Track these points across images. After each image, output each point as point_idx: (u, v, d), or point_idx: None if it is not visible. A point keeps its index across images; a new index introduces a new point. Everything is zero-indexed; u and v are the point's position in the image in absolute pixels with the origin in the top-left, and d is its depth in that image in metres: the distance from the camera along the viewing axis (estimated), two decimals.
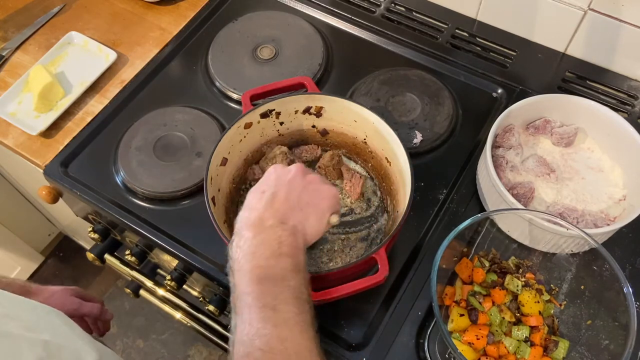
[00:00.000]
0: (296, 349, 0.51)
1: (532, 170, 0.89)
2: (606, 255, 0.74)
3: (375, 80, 1.04)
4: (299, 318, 0.53)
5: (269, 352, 0.49)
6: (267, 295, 0.53)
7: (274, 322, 0.51)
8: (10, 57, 1.14)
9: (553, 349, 0.75)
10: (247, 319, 0.52)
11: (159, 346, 1.83)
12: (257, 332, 0.51)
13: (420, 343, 0.81)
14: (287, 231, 0.59)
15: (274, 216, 0.60)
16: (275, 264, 0.55)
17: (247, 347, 0.50)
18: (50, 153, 1.01)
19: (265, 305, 0.52)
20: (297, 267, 0.57)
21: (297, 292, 0.55)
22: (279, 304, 0.53)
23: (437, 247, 0.75)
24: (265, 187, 0.63)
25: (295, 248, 0.58)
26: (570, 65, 1.07)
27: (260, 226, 0.58)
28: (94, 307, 0.88)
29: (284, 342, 0.51)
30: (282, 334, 0.51)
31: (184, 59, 1.12)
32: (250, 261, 0.56)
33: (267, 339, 0.50)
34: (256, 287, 0.54)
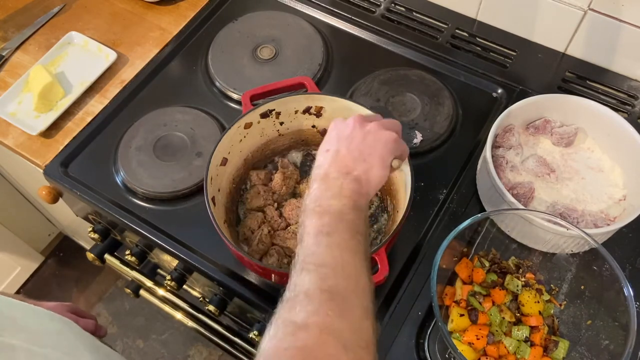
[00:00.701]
0: (343, 265, 0.56)
1: (532, 170, 0.89)
2: (606, 255, 0.74)
3: (375, 80, 1.04)
4: (350, 243, 0.58)
5: (320, 265, 0.55)
6: (324, 225, 0.59)
7: (327, 243, 0.58)
8: (10, 57, 1.14)
9: (553, 349, 0.75)
10: (305, 244, 0.58)
11: (159, 346, 1.83)
12: (311, 252, 0.57)
13: (420, 343, 0.81)
14: (349, 179, 0.64)
15: (338, 170, 0.65)
16: (335, 203, 0.61)
17: (302, 264, 0.56)
18: (50, 153, 1.01)
19: (321, 232, 0.58)
20: (357, 206, 0.62)
21: (352, 224, 0.60)
22: (334, 232, 0.59)
23: (437, 247, 0.75)
24: (328, 146, 0.68)
25: (356, 193, 0.63)
26: (570, 65, 1.07)
27: (326, 178, 0.65)
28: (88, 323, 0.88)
29: (334, 259, 0.56)
30: (333, 253, 0.57)
31: (184, 59, 1.12)
32: (314, 202, 0.62)
33: (319, 256, 0.57)
34: (315, 220, 0.60)
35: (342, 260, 0.56)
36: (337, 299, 0.53)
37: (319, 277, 0.54)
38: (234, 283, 0.87)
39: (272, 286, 0.86)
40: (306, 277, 0.54)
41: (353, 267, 0.57)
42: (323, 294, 0.53)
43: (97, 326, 0.90)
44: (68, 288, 1.95)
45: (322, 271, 0.55)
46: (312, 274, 0.55)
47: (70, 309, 0.87)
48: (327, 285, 0.54)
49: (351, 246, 0.58)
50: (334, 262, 0.56)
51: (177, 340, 1.84)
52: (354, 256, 0.58)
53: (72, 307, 0.88)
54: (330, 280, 0.54)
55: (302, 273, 0.55)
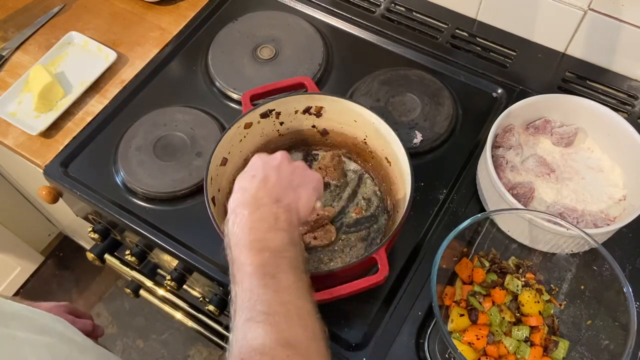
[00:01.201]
0: (297, 311, 0.53)
1: (532, 170, 0.89)
2: (606, 255, 0.74)
3: (375, 80, 1.04)
4: (297, 285, 0.55)
5: (271, 314, 0.51)
6: (267, 265, 0.55)
7: (275, 288, 0.53)
8: (10, 57, 1.14)
9: (553, 349, 0.75)
10: (247, 287, 0.54)
11: (159, 346, 1.83)
12: (258, 297, 0.52)
13: (420, 343, 0.81)
14: (282, 208, 0.61)
15: (268, 196, 0.62)
16: (273, 237, 0.57)
17: (249, 312, 0.52)
18: (50, 153, 1.01)
19: (265, 274, 0.54)
20: (293, 241, 0.59)
21: (295, 262, 0.57)
22: (279, 272, 0.55)
23: (437, 247, 0.75)
24: (254, 172, 0.65)
25: (290, 224, 0.60)
26: (570, 65, 1.07)
27: (256, 204, 0.61)
28: (86, 324, 0.88)
29: (286, 305, 0.52)
30: (283, 298, 0.53)
31: (184, 59, 1.12)
32: (248, 235, 0.57)
33: (268, 303, 0.52)
34: (256, 257, 0.55)
35: (294, 307, 0.53)
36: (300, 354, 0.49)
37: (274, 329, 0.50)
38: None
39: None
40: (259, 329, 0.50)
41: (306, 313, 0.53)
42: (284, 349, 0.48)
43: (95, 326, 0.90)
44: (68, 288, 1.95)
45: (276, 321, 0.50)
46: (265, 325, 0.50)
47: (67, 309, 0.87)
48: (285, 337, 0.49)
49: (299, 287, 0.55)
50: (286, 310, 0.52)
51: (177, 340, 1.84)
52: (304, 299, 0.54)
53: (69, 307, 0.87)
54: (287, 331, 0.50)
55: (251, 324, 0.51)
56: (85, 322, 0.88)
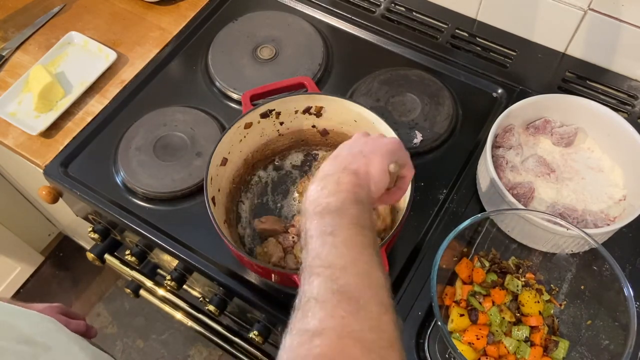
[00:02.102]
0: (352, 261, 0.54)
1: (532, 170, 0.89)
2: (606, 255, 0.74)
3: (375, 80, 1.04)
4: (356, 239, 0.56)
5: (327, 267, 0.52)
6: (326, 225, 0.56)
7: (332, 243, 0.55)
8: (10, 57, 1.14)
9: (553, 349, 0.75)
10: (310, 248, 0.56)
11: (159, 346, 1.83)
12: (317, 254, 0.54)
13: (420, 343, 0.81)
14: (346, 173, 0.62)
15: (335, 167, 0.63)
16: (334, 200, 0.59)
17: (309, 269, 0.53)
18: (50, 153, 1.01)
19: (324, 232, 0.56)
20: (358, 199, 0.60)
21: (356, 219, 0.57)
22: (337, 229, 0.56)
23: (437, 247, 0.75)
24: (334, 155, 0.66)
25: (355, 186, 0.61)
26: (570, 65, 1.07)
27: (323, 177, 0.62)
28: (79, 325, 0.88)
29: (342, 258, 0.53)
30: (340, 252, 0.54)
31: (184, 59, 1.12)
32: (312, 203, 0.60)
33: (325, 257, 0.54)
34: (316, 220, 0.57)
35: (350, 258, 0.54)
36: (351, 299, 0.50)
37: (328, 279, 0.51)
38: (234, 283, 0.87)
39: (272, 286, 0.86)
40: (315, 282, 0.52)
41: (363, 263, 0.54)
42: (335, 295, 0.50)
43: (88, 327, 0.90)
44: (68, 288, 1.95)
45: (331, 272, 0.52)
46: (320, 277, 0.52)
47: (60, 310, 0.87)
48: (338, 285, 0.51)
49: (358, 242, 0.56)
50: (342, 261, 0.53)
51: (177, 340, 1.84)
52: (363, 251, 0.55)
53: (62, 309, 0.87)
54: (341, 280, 0.51)
55: (310, 278, 0.53)
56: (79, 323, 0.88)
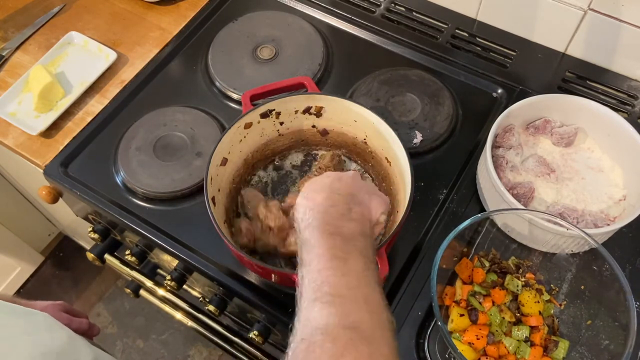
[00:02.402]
0: (364, 297, 0.51)
1: (532, 170, 0.89)
2: (606, 255, 0.74)
3: (375, 80, 1.04)
4: (366, 272, 0.54)
5: (337, 296, 0.49)
6: (337, 248, 0.54)
7: (343, 271, 0.52)
8: (10, 57, 1.14)
9: (553, 349, 0.75)
10: (315, 268, 0.53)
11: (159, 346, 1.83)
12: (326, 279, 0.51)
13: (420, 343, 0.81)
14: (355, 203, 0.60)
15: (343, 188, 0.61)
16: (346, 225, 0.57)
17: (315, 293, 0.50)
18: (50, 153, 1.01)
19: (334, 256, 0.53)
20: (364, 232, 0.58)
21: (365, 251, 0.56)
22: (348, 257, 0.53)
23: (437, 247, 0.75)
24: (327, 174, 0.65)
25: (363, 217, 0.60)
26: (570, 65, 1.07)
27: (331, 191, 0.60)
28: (82, 323, 0.88)
29: (354, 289, 0.51)
30: (351, 282, 0.51)
31: (184, 59, 1.12)
32: (321, 219, 0.57)
33: (335, 285, 0.50)
34: (327, 240, 0.54)
35: (362, 293, 0.51)
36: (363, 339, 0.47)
37: (339, 311, 0.48)
38: (234, 283, 0.87)
39: (272, 286, 0.86)
40: (323, 310, 0.48)
41: (374, 300, 0.51)
42: (346, 331, 0.46)
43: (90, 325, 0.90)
44: (68, 288, 1.95)
45: (342, 303, 0.49)
46: (331, 307, 0.48)
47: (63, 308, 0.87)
48: (350, 321, 0.47)
49: (367, 275, 0.53)
50: (353, 294, 0.50)
51: (177, 340, 1.84)
52: (374, 287, 0.52)
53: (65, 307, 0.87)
54: (353, 315, 0.48)
55: (315, 304, 0.49)
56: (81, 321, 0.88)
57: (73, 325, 0.88)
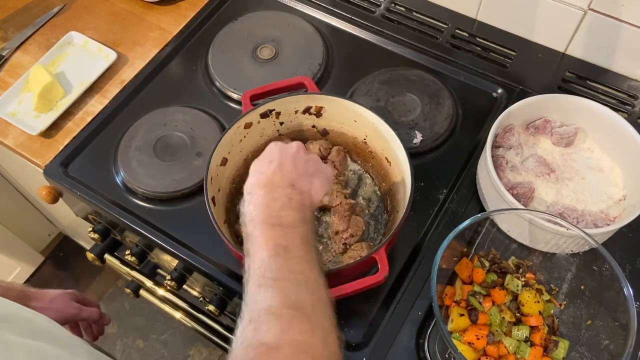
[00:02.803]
0: (305, 279, 0.55)
1: (532, 170, 0.89)
2: (606, 255, 0.74)
3: (375, 80, 1.04)
4: (307, 257, 0.58)
5: (280, 280, 0.54)
6: (278, 237, 0.58)
7: (284, 258, 0.56)
8: (10, 57, 1.14)
9: (553, 349, 0.75)
10: (259, 258, 0.57)
11: (159, 346, 1.83)
12: (268, 266, 0.55)
13: (420, 343, 0.81)
14: (295, 191, 0.64)
15: (283, 179, 0.65)
16: (286, 215, 0.61)
17: (259, 279, 0.54)
18: (50, 153, 1.01)
19: (277, 245, 0.57)
20: (305, 219, 0.62)
21: (306, 237, 0.60)
22: (289, 244, 0.58)
23: (437, 247, 0.75)
24: (271, 158, 0.68)
25: (302, 205, 0.64)
26: (570, 65, 1.07)
27: (271, 186, 0.64)
28: (93, 312, 0.89)
29: (294, 273, 0.55)
30: (293, 266, 0.56)
31: (184, 59, 1.12)
32: (263, 212, 0.61)
33: (278, 270, 0.55)
34: (269, 231, 0.59)
35: (302, 275, 0.55)
36: (305, 316, 0.51)
37: (282, 293, 0.53)
38: (234, 283, 0.87)
39: None
40: (267, 293, 0.53)
41: (314, 281, 0.56)
42: (289, 310, 0.51)
43: (101, 314, 0.90)
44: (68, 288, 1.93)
45: (284, 286, 0.53)
46: (274, 290, 0.53)
47: (74, 297, 0.87)
48: (292, 301, 0.52)
49: (308, 259, 0.58)
50: (294, 277, 0.55)
51: (177, 340, 1.84)
52: (312, 269, 0.57)
53: (76, 295, 0.88)
54: (294, 295, 0.53)
55: (260, 289, 0.53)
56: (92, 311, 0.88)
57: (84, 314, 0.88)
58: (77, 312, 0.87)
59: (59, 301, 0.85)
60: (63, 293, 0.87)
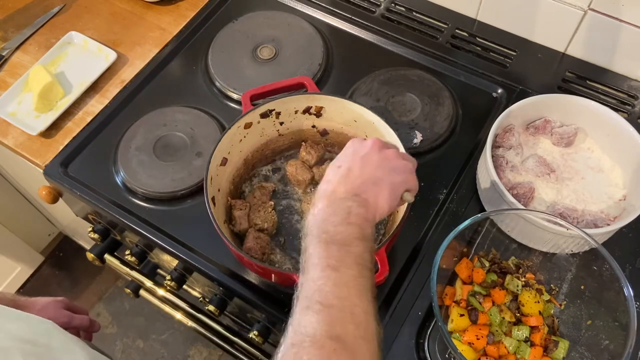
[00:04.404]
0: (352, 307, 0.54)
1: (532, 170, 0.89)
2: (606, 255, 0.74)
3: (375, 80, 1.04)
4: (358, 281, 0.56)
5: (327, 306, 0.53)
6: (331, 257, 0.56)
7: (335, 281, 0.54)
8: (10, 57, 1.14)
9: (553, 349, 0.75)
10: (310, 277, 0.55)
11: (159, 346, 1.83)
12: (318, 288, 0.54)
13: (420, 343, 0.81)
14: (357, 203, 0.61)
15: (347, 189, 0.62)
16: (342, 231, 0.59)
17: (307, 301, 0.54)
18: (50, 153, 1.01)
19: (328, 266, 0.55)
20: (363, 236, 0.60)
21: (360, 258, 0.58)
22: (341, 266, 0.56)
23: (437, 247, 0.75)
24: (341, 162, 0.66)
25: (363, 219, 0.61)
26: (570, 65, 1.07)
27: (333, 197, 0.62)
28: (84, 320, 0.88)
29: (342, 300, 0.54)
30: (341, 293, 0.54)
31: (184, 59, 1.12)
32: (320, 227, 0.59)
33: (326, 294, 0.53)
34: (322, 249, 0.57)
35: (350, 303, 0.54)
36: (347, 350, 0.50)
37: (327, 322, 0.51)
38: (234, 283, 0.87)
39: (272, 286, 0.86)
40: (312, 318, 0.52)
41: (362, 311, 0.54)
42: (332, 342, 0.50)
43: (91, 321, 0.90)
44: (68, 288, 1.95)
45: (330, 314, 0.52)
46: (319, 316, 0.52)
47: (64, 304, 0.87)
48: (336, 332, 0.51)
49: (359, 284, 0.56)
50: (342, 304, 0.53)
51: (177, 340, 1.84)
52: (362, 296, 0.55)
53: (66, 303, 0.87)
54: (338, 326, 0.51)
55: (307, 312, 0.53)
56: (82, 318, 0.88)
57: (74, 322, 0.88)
58: (68, 320, 0.86)
59: (49, 309, 0.85)
60: (53, 301, 0.86)
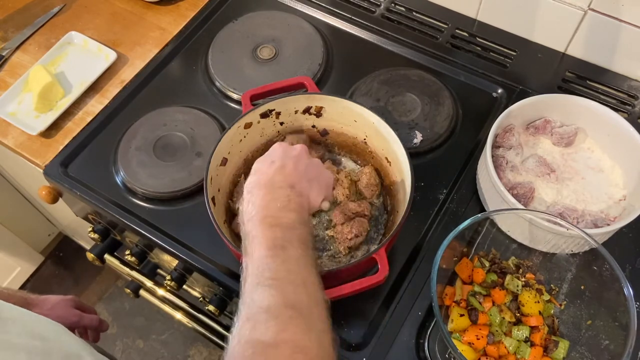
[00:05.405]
0: (302, 279, 0.57)
1: (532, 170, 0.89)
2: (606, 255, 0.74)
3: (375, 80, 1.04)
4: (304, 258, 0.59)
5: (278, 279, 0.55)
6: (277, 238, 0.59)
7: (282, 258, 0.57)
8: (10, 57, 1.14)
9: (553, 349, 0.75)
10: (257, 257, 0.58)
11: (159, 346, 1.83)
12: (267, 265, 0.56)
13: (420, 343, 0.81)
14: (295, 193, 0.65)
15: (284, 181, 0.66)
16: (284, 215, 0.62)
17: (257, 278, 0.55)
18: (50, 153, 1.01)
19: (275, 245, 0.58)
20: (303, 220, 0.64)
21: (303, 238, 0.61)
22: (287, 245, 0.59)
23: (437, 247, 0.75)
24: (274, 158, 0.69)
25: (301, 207, 0.65)
26: (570, 65, 1.07)
27: (271, 186, 0.65)
28: (93, 319, 0.89)
29: (292, 273, 0.56)
30: (290, 267, 0.57)
31: (184, 59, 1.12)
32: (261, 212, 0.62)
33: (276, 270, 0.56)
34: (267, 231, 0.60)
35: (300, 275, 0.57)
36: (302, 316, 0.53)
37: (280, 293, 0.54)
38: (234, 283, 0.87)
39: None
40: (265, 292, 0.54)
41: (311, 282, 0.57)
42: (287, 310, 0.52)
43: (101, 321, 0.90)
44: (68, 288, 1.95)
45: (282, 286, 0.54)
46: (272, 290, 0.54)
47: (73, 303, 0.87)
48: (290, 301, 0.53)
49: (306, 261, 0.59)
50: (292, 277, 0.56)
51: (177, 340, 1.84)
52: (309, 270, 0.58)
53: (76, 302, 0.88)
54: (292, 295, 0.54)
55: (258, 288, 0.54)
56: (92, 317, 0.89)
57: (84, 321, 0.88)
58: (78, 320, 0.87)
59: (60, 308, 0.86)
60: (63, 299, 0.87)
